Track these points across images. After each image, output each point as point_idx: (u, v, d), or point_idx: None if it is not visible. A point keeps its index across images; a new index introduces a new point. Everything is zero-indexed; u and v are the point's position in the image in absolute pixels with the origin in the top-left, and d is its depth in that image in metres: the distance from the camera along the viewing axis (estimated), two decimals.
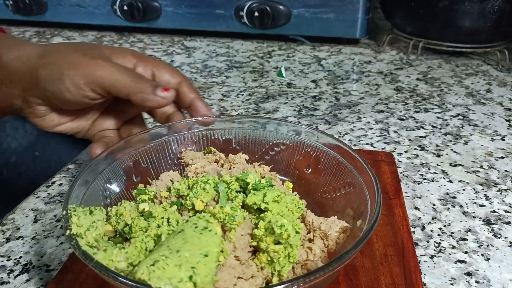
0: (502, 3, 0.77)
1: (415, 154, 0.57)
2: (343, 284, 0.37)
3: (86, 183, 0.38)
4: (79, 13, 1.04)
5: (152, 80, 0.45)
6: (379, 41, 0.99)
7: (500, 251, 0.42)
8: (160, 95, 0.41)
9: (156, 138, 0.45)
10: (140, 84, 0.42)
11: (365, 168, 0.38)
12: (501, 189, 0.51)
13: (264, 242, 0.33)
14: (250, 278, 0.33)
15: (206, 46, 0.99)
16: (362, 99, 0.73)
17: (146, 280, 0.28)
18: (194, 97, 0.46)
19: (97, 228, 0.33)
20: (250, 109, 0.70)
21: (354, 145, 0.60)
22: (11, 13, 1.07)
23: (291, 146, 0.45)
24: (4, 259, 0.42)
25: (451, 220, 0.46)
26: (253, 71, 0.85)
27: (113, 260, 0.31)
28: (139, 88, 0.41)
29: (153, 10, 0.98)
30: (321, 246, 0.35)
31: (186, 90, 0.46)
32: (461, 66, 0.86)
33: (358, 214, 0.37)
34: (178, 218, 0.35)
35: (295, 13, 0.93)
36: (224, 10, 0.96)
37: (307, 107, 0.71)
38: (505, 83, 0.79)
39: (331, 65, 0.88)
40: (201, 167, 0.43)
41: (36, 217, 0.47)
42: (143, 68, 0.46)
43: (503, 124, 0.65)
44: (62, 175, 0.55)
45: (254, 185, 0.37)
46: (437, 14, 0.80)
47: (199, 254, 0.29)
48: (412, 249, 0.41)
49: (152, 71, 0.46)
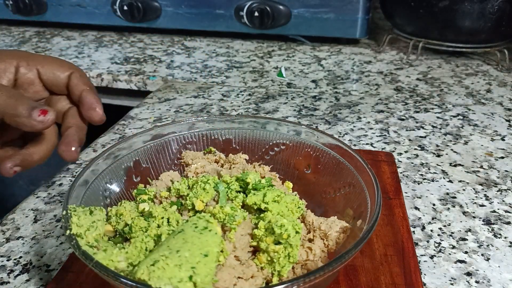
0: (502, 3, 0.77)
1: (415, 154, 0.57)
2: (343, 284, 0.37)
3: (86, 183, 0.38)
4: (79, 13, 1.04)
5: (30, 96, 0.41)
6: (379, 41, 0.99)
7: (500, 251, 0.42)
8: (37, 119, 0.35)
9: (156, 138, 0.44)
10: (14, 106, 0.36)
11: (365, 168, 0.38)
12: (501, 189, 0.51)
13: (264, 242, 0.33)
14: (250, 278, 0.33)
15: (206, 46, 0.99)
16: (362, 99, 0.73)
17: (146, 280, 0.28)
18: (83, 89, 0.41)
19: (97, 228, 0.33)
20: (250, 109, 0.70)
21: (354, 145, 0.60)
22: (11, 13, 1.07)
23: (291, 146, 0.45)
24: (4, 259, 0.42)
25: (451, 220, 0.46)
26: (253, 71, 0.85)
27: (113, 260, 0.31)
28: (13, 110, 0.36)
29: (153, 10, 0.98)
30: (321, 246, 0.35)
31: (76, 82, 0.41)
32: (461, 66, 0.86)
33: (358, 214, 0.37)
34: (178, 218, 0.35)
35: (295, 13, 0.93)
36: (224, 10, 0.96)
37: (307, 107, 0.71)
38: (505, 83, 0.79)
39: (331, 65, 0.88)
40: (201, 167, 0.43)
41: (36, 217, 0.47)
42: (25, 68, 0.41)
43: (503, 124, 0.65)
44: (62, 175, 0.55)
45: (254, 185, 0.37)
46: (437, 14, 0.80)
47: (199, 254, 0.29)
48: (412, 249, 0.41)
49: (36, 69, 0.41)
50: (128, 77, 0.83)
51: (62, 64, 0.42)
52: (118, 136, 0.63)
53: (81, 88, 0.41)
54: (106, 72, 0.84)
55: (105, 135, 0.64)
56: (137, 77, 0.82)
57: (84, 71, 0.84)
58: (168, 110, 0.70)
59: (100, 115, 0.40)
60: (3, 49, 0.74)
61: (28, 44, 1.01)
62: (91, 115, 0.40)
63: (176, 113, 0.69)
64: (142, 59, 0.91)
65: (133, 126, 0.65)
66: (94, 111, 0.40)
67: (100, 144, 0.61)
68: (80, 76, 0.42)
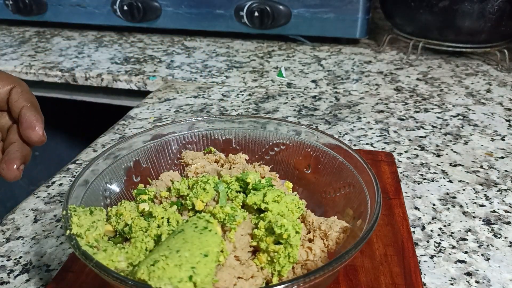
0: (502, 3, 0.77)
1: (415, 154, 0.57)
2: (343, 284, 0.37)
3: (86, 183, 0.38)
4: (79, 13, 1.04)
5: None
6: (379, 41, 0.99)
7: (500, 251, 0.42)
8: None
9: (156, 138, 0.44)
10: None
11: (365, 168, 0.38)
12: (501, 189, 0.51)
13: (264, 242, 0.33)
14: (250, 278, 0.33)
15: (206, 46, 0.99)
16: (362, 99, 0.73)
17: (146, 280, 0.28)
18: (22, 106, 0.37)
19: (97, 228, 0.33)
20: (250, 109, 0.70)
21: (354, 145, 0.60)
22: (11, 13, 1.07)
23: (291, 146, 0.45)
24: (4, 259, 0.42)
25: (451, 220, 0.46)
26: (253, 71, 0.85)
27: (113, 260, 0.31)
28: None
29: (153, 10, 0.98)
30: (321, 246, 0.35)
31: (16, 98, 0.37)
32: (461, 66, 0.86)
33: (358, 214, 0.37)
34: (178, 218, 0.35)
35: (295, 13, 0.93)
36: (224, 10, 0.96)
37: (307, 107, 0.71)
38: (505, 83, 0.79)
39: (331, 65, 0.88)
40: (201, 167, 0.43)
41: (36, 217, 0.47)
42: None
43: (503, 124, 0.65)
44: (62, 175, 0.55)
45: (254, 185, 0.37)
46: (437, 14, 0.80)
47: (199, 254, 0.29)
48: (412, 249, 0.41)
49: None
50: (128, 77, 0.83)
51: (2, 78, 0.38)
52: (118, 136, 0.63)
53: (21, 104, 0.37)
54: (106, 72, 0.84)
55: (105, 135, 0.64)
56: (137, 77, 0.82)
57: (84, 71, 0.85)
58: (168, 110, 0.70)
59: (39, 135, 0.36)
60: None
61: (28, 44, 1.01)
62: (29, 134, 0.36)
63: (176, 113, 0.69)
64: (142, 59, 0.91)
65: (133, 126, 0.65)
66: (32, 131, 0.36)
67: (100, 144, 0.61)
68: (21, 92, 0.38)
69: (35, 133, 0.36)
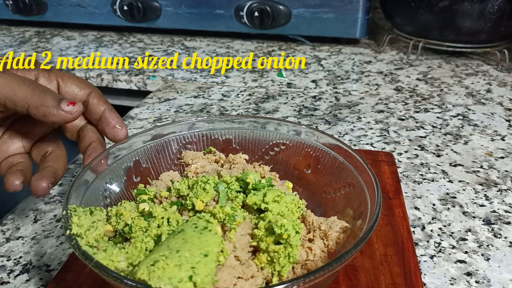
0: (502, 3, 0.77)
1: (415, 154, 0.57)
2: (343, 284, 0.37)
3: (86, 183, 0.38)
4: (79, 13, 1.04)
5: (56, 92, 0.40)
6: (379, 41, 0.99)
7: (500, 251, 0.42)
8: (65, 109, 0.36)
9: (156, 138, 0.44)
10: (41, 96, 0.36)
11: (365, 168, 0.38)
12: (501, 189, 0.51)
13: (264, 242, 0.33)
14: (250, 278, 0.33)
15: (206, 46, 0.99)
16: (362, 99, 0.73)
17: (146, 280, 0.28)
18: (104, 109, 0.41)
19: (97, 228, 0.33)
20: (250, 109, 0.70)
21: (354, 145, 0.60)
22: (11, 13, 1.07)
23: (291, 146, 0.45)
24: (4, 259, 0.42)
25: (451, 220, 0.46)
26: (253, 71, 0.85)
27: (113, 260, 0.31)
28: (40, 100, 0.35)
29: (153, 10, 0.98)
30: (321, 246, 0.35)
31: (96, 102, 0.41)
32: (461, 66, 0.86)
33: (358, 214, 0.37)
34: (178, 218, 0.35)
35: (295, 13, 0.93)
36: (224, 10, 0.96)
37: (307, 107, 0.71)
38: (505, 83, 0.79)
39: (331, 65, 0.88)
40: (201, 167, 0.43)
41: (36, 217, 0.47)
42: (46, 79, 0.41)
43: (503, 124, 0.65)
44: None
45: (254, 185, 0.37)
46: (437, 14, 0.80)
47: (199, 254, 0.29)
48: (412, 249, 0.41)
49: (56, 81, 0.41)
50: (128, 77, 0.83)
51: (81, 82, 0.42)
52: None
53: (102, 107, 0.42)
54: (106, 72, 0.84)
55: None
56: (137, 77, 0.82)
57: (84, 71, 0.85)
58: (168, 110, 0.70)
59: (125, 133, 0.42)
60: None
61: (28, 44, 1.01)
62: (116, 133, 0.41)
63: (176, 113, 0.69)
64: (142, 59, 0.91)
65: (133, 126, 0.65)
66: (120, 130, 0.41)
67: None
68: (100, 96, 0.42)
69: (122, 131, 0.41)
